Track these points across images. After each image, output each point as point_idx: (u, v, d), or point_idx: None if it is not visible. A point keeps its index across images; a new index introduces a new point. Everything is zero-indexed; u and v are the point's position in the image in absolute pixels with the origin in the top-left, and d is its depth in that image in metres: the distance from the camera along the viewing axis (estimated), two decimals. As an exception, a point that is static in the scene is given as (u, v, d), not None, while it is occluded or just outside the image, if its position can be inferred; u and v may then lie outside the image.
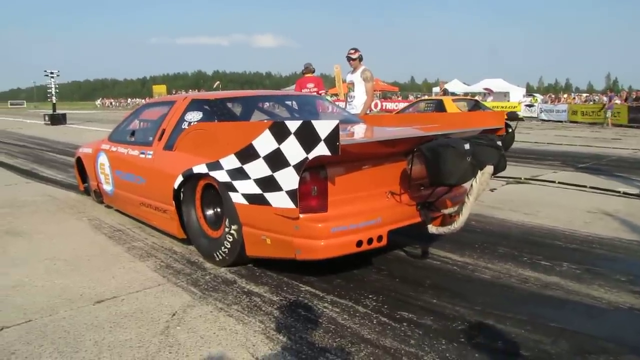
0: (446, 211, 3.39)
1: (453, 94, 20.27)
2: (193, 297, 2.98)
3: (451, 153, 2.85)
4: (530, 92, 47.55)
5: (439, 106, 11.48)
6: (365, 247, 2.94)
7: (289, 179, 2.76)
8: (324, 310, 2.81)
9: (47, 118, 24.39)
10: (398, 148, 3.22)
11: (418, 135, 3.40)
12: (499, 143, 3.08)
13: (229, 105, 4.20)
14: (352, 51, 6.62)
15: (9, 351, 2.35)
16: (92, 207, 5.44)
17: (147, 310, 2.79)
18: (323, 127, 2.60)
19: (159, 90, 51.47)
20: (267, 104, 4.99)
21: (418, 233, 3.60)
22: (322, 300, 2.95)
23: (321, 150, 2.60)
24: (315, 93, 9.51)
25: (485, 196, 5.71)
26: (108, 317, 2.70)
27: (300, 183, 2.74)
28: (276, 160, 2.81)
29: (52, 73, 25.48)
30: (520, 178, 6.91)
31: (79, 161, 5.94)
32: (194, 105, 4.11)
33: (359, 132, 4.00)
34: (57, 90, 26.45)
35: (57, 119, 23.81)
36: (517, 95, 35.77)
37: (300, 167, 2.70)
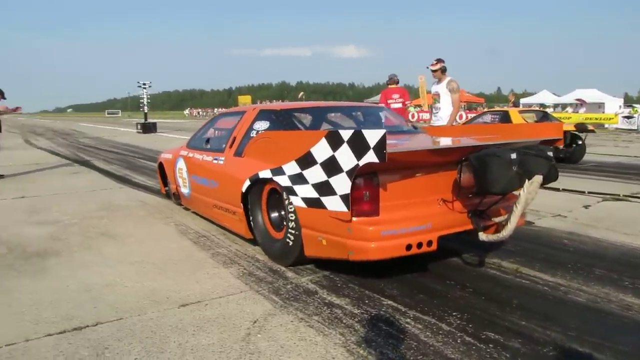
0: (497, 220, 3.50)
1: (542, 105, 19.26)
2: (274, 306, 3.08)
3: (497, 162, 3.04)
4: (629, 102, 44.10)
5: (505, 117, 11.49)
6: (414, 250, 3.15)
7: (342, 184, 3.05)
8: (406, 326, 2.78)
9: (139, 127, 26.54)
10: (447, 157, 3.46)
11: (465, 145, 3.63)
12: (550, 153, 3.21)
13: (295, 115, 4.57)
14: (434, 62, 6.61)
15: (103, 346, 2.58)
16: (179, 212, 5.81)
17: (229, 316, 2.93)
18: (372, 136, 2.83)
19: (244, 100, 53.92)
20: (331, 115, 5.31)
21: (505, 250, 3.47)
22: (404, 315, 2.92)
23: (370, 157, 2.85)
24: (400, 104, 9.60)
25: (579, 213, 5.45)
26: (192, 321, 2.86)
27: (353, 188, 3.02)
28: (331, 166, 3.11)
29: (144, 84, 27.73)
30: (619, 195, 6.44)
31: (160, 166, 6.64)
32: (262, 115, 4.56)
33: (413, 141, 4.21)
34: (149, 100, 28.69)
35: (148, 128, 25.83)
36: (613, 107, 33.73)
37: (351, 173, 2.97)
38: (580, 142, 11.12)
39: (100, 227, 5.13)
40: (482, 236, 3.42)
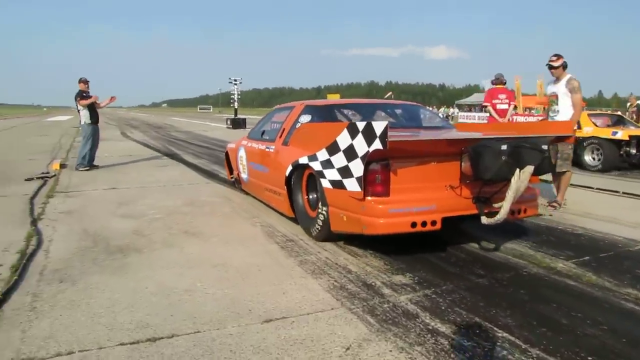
0: (498, 205, 3.87)
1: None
2: (370, 329, 2.73)
3: (488, 152, 3.63)
4: None
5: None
6: (419, 228, 3.74)
7: (357, 167, 3.72)
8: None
9: (228, 122, 27.45)
10: (446, 149, 4.05)
11: (461, 138, 4.27)
12: (544, 147, 3.72)
13: (334, 110, 5.48)
14: (554, 58, 5.92)
15: (176, 363, 2.38)
16: (266, 212, 5.65)
17: (318, 338, 2.62)
18: (378, 127, 3.50)
19: (333, 98, 54.09)
20: (371, 110, 5.90)
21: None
22: (525, 354, 2.49)
23: (376, 144, 3.50)
24: (506, 105, 9.26)
25: None
26: (276, 342, 2.59)
27: (367, 172, 3.71)
28: (350, 152, 3.79)
29: (235, 80, 28.71)
30: None
31: (227, 155, 7.72)
32: (307, 109, 5.38)
33: (431, 134, 4.74)
34: (239, 97, 29.63)
35: (237, 123, 26.63)
36: None
37: (364, 158, 3.64)
38: None
39: (184, 224, 5.08)
40: (484, 220, 3.93)
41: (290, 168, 4.79)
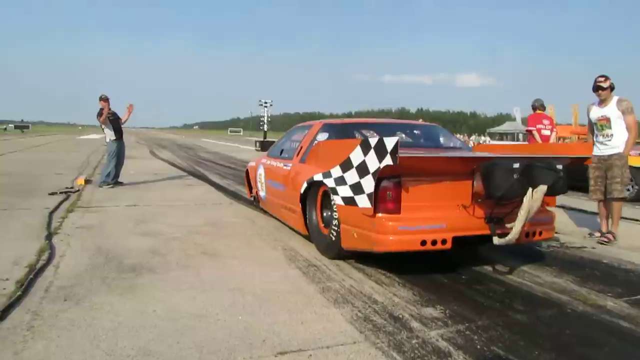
0: (510, 225, 3.85)
1: None
2: (397, 370, 2.43)
3: (499, 170, 3.64)
4: None
5: None
6: (429, 247, 3.71)
7: (368, 184, 3.72)
8: None
9: (257, 144, 27.55)
10: (460, 166, 4.03)
11: (472, 156, 4.19)
12: (559, 167, 3.78)
13: (353, 129, 5.57)
14: (602, 79, 5.55)
15: (175, 399, 2.13)
16: (289, 235, 5.40)
17: (338, 377, 2.34)
18: (389, 143, 3.47)
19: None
20: (389, 130, 5.78)
21: None
22: None
23: (387, 160, 3.48)
24: (549, 131, 9.01)
25: None
26: (290, 378, 2.32)
27: (379, 189, 3.71)
28: (363, 169, 3.79)
29: (265, 102, 28.98)
30: None
31: (247, 173, 7.75)
32: (325, 128, 5.48)
33: (439, 153, 4.74)
34: (269, 120, 29.83)
35: (266, 146, 26.62)
36: None
37: (375, 175, 3.63)
38: None
39: (203, 245, 4.87)
40: (496, 240, 3.87)
41: (305, 185, 4.81)
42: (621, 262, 4.68)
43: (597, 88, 5.58)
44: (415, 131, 5.97)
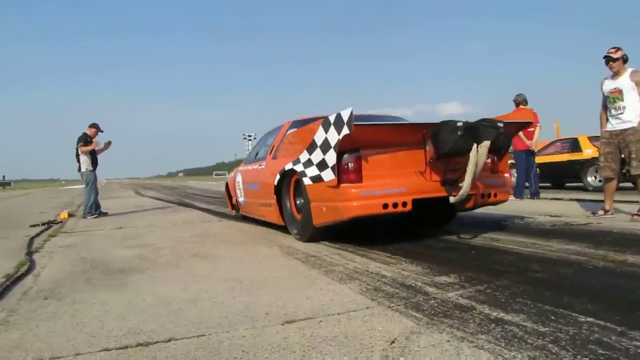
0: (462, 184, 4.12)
1: None
2: (417, 323, 2.18)
3: (444, 129, 3.94)
4: None
5: (575, 145, 11.78)
6: (390, 209, 3.97)
7: (331, 157, 4.01)
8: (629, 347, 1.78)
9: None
10: (411, 134, 4.22)
11: (423, 122, 4.29)
12: (500, 125, 4.07)
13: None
14: (613, 50, 5.35)
15: (172, 365, 1.85)
16: (284, 237, 5.14)
17: (353, 335, 2.07)
18: (345, 114, 3.77)
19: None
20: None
21: None
22: (625, 336, 1.92)
23: (345, 130, 3.75)
24: (533, 127, 8.76)
25: None
26: (300, 340, 2.05)
27: (341, 162, 4.01)
28: (325, 146, 4.08)
29: (249, 136, 28.83)
30: None
31: (226, 186, 8.30)
32: (294, 124, 5.79)
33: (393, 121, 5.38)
34: (254, 153, 29.68)
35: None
36: None
37: (336, 147, 3.92)
38: None
39: (193, 250, 4.59)
40: (452, 199, 4.19)
41: (278, 177, 5.11)
42: (632, 231, 4.49)
43: (608, 59, 5.39)
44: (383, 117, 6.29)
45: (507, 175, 4.92)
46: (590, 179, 11.04)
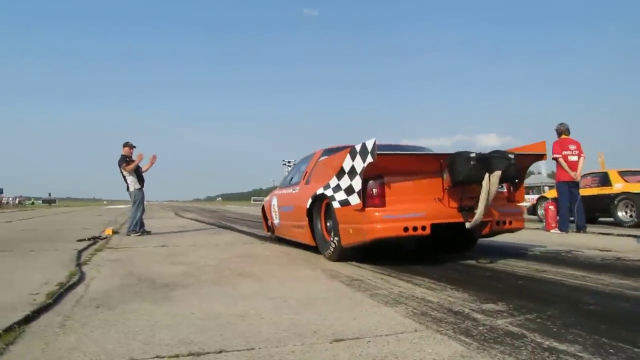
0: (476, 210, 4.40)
1: None
2: (467, 348, 2.15)
3: (459, 158, 4.31)
4: None
5: (604, 179, 11.67)
6: (411, 232, 4.28)
7: (357, 183, 4.39)
8: None
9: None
10: (430, 163, 4.58)
11: (439, 152, 4.75)
12: (511, 156, 4.35)
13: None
14: None
15: (224, 376, 1.87)
16: (327, 261, 5.14)
17: (403, 356, 2.06)
18: (369, 143, 4.17)
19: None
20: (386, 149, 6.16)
21: None
22: None
23: (369, 159, 4.15)
24: (576, 157, 8.54)
25: None
26: (350, 358, 2.05)
27: (366, 188, 4.39)
28: (352, 172, 4.48)
29: (289, 162, 29.13)
30: None
31: (263, 209, 8.75)
32: (325, 152, 6.20)
33: (412, 151, 5.66)
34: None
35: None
36: None
37: (362, 174, 4.32)
38: None
39: (237, 270, 4.64)
40: (467, 225, 4.47)
41: (310, 200, 5.47)
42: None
43: None
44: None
45: (521, 204, 5.28)
46: (621, 214, 10.84)
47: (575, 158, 8.71)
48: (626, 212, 10.76)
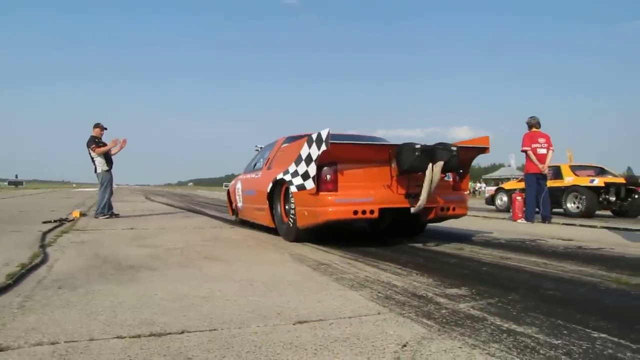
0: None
1: None
2: (429, 330, 2.19)
3: (405, 150, 4.65)
4: None
5: (557, 173, 12.33)
6: (360, 215, 4.65)
7: (313, 169, 4.69)
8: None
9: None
10: (379, 152, 4.92)
11: (388, 143, 5.20)
12: (453, 148, 4.71)
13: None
14: None
15: (185, 355, 1.86)
16: (295, 245, 5.16)
17: (365, 337, 2.08)
18: (324, 133, 4.48)
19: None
20: (344, 138, 6.38)
21: None
22: (633, 351, 1.91)
23: (323, 147, 4.46)
24: (545, 149, 8.75)
25: None
26: (312, 339, 2.06)
27: (320, 173, 4.70)
28: (309, 159, 4.77)
29: (261, 147, 28.93)
30: None
31: (228, 193, 9.30)
32: (287, 139, 6.55)
33: (365, 140, 6.10)
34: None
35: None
36: None
37: (317, 161, 4.63)
38: (636, 196, 11.53)
39: (204, 252, 4.62)
40: (412, 209, 4.81)
41: (270, 185, 5.79)
42: (645, 258, 4.46)
43: None
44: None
45: (466, 192, 5.63)
46: (570, 205, 11.72)
47: (544, 151, 8.89)
48: (574, 204, 11.61)
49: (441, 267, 3.94)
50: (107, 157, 9.30)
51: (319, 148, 4.55)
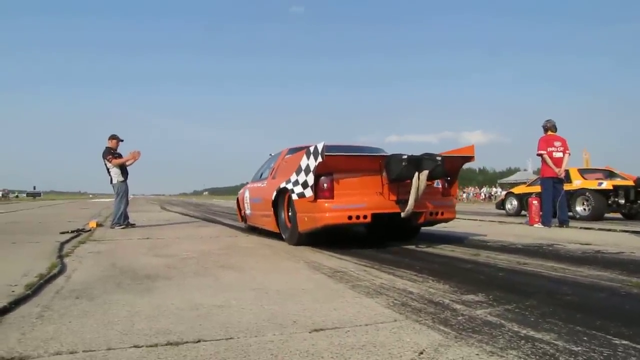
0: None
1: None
2: (446, 337, 2.16)
3: (393, 160, 5.12)
4: None
5: (565, 177, 11.65)
6: (354, 220, 5.09)
7: (311, 178, 5.19)
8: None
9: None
10: (371, 162, 5.42)
11: (379, 154, 5.80)
12: (439, 158, 5.13)
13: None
14: None
15: (201, 364, 1.87)
16: (311, 253, 5.17)
17: (381, 344, 2.07)
18: (320, 146, 4.96)
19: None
20: (344, 149, 6.72)
21: None
22: None
23: (319, 159, 4.95)
24: (561, 153, 8.65)
25: None
26: (328, 347, 2.05)
27: (318, 182, 5.19)
28: (307, 170, 5.23)
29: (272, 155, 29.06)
30: None
31: (237, 200, 9.73)
32: (290, 151, 7.08)
33: (358, 152, 6.51)
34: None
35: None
36: None
37: (314, 171, 5.12)
38: None
39: (220, 261, 4.64)
40: (403, 214, 5.17)
41: (275, 193, 6.28)
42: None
43: None
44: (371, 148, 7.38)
45: (455, 198, 6.05)
46: (579, 208, 11.84)
47: (560, 154, 8.80)
48: (582, 207, 11.76)
49: (457, 273, 3.90)
50: (123, 168, 9.39)
51: (315, 159, 5.01)
